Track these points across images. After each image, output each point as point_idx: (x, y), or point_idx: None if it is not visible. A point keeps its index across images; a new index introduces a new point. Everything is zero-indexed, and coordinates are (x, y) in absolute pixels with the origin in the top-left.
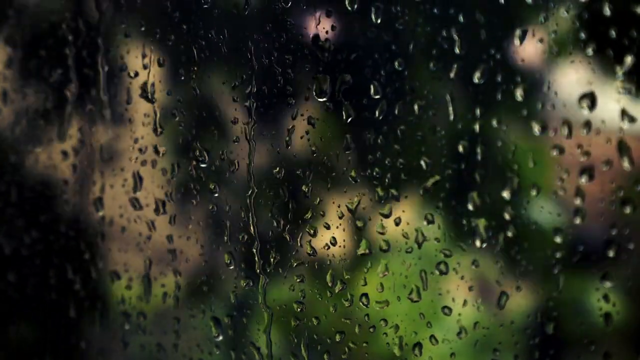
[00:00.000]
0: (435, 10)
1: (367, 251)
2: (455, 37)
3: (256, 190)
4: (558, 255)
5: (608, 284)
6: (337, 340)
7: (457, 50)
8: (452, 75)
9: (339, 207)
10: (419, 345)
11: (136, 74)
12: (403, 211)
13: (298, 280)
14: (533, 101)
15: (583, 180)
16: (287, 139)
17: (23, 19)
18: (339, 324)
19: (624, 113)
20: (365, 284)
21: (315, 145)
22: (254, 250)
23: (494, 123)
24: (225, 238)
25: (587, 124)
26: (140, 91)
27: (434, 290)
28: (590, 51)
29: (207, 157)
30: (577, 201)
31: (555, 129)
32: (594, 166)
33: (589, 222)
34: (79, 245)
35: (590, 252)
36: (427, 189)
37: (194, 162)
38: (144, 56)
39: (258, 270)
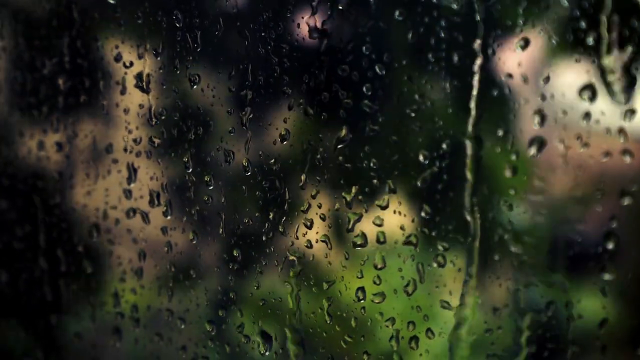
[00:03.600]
0: (434, 2)
1: (362, 242)
2: (452, 27)
3: (251, 181)
4: (555, 250)
5: (605, 279)
6: (333, 333)
7: (453, 42)
8: (448, 67)
9: (335, 198)
10: (415, 338)
11: (131, 64)
12: (399, 203)
13: (293, 272)
14: (531, 93)
15: (580, 173)
16: (283, 129)
17: (15, 8)
18: (335, 317)
19: (620, 106)
20: (362, 277)
21: (311, 136)
22: (249, 243)
23: (490, 115)
24: (220, 230)
25: (587, 116)
26: (135, 81)
27: (431, 283)
28: (590, 41)
29: (202, 148)
30: (576, 195)
31: (554, 121)
32: (593, 159)
33: (587, 216)
34: (71, 238)
35: (587, 247)
36: (424, 181)
37: (189, 153)
38: (138, 46)
39: (253, 263)
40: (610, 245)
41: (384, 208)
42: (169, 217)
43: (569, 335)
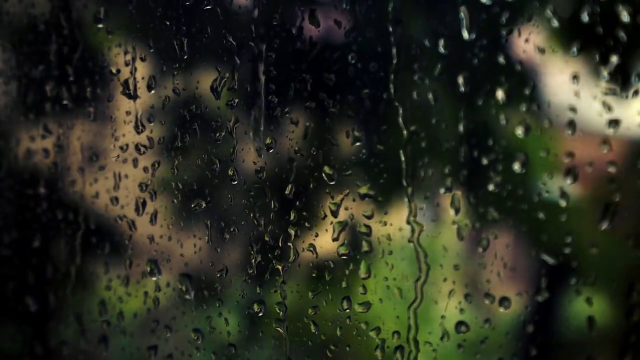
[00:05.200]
0: (421, 9)
1: (348, 251)
2: (440, 35)
3: (237, 190)
4: (542, 257)
5: (591, 287)
6: (319, 343)
7: (441, 50)
8: (436, 74)
9: (321, 207)
10: (400, 348)
11: (118, 71)
12: (385, 213)
13: (279, 281)
14: (518, 101)
15: (567, 181)
16: (271, 138)
17: (4, 14)
18: (321, 326)
19: (608, 113)
20: (348, 286)
21: (298, 144)
22: (235, 251)
23: (479, 123)
24: (207, 238)
25: (572, 125)
26: (122, 88)
27: (417, 292)
28: (575, 51)
29: (189, 156)
30: (562, 203)
31: (540, 130)
32: (578, 167)
33: (573, 223)
34: (58, 244)
35: (574, 253)
36: (410, 189)
37: (176, 161)
38: (126, 53)
39: (240, 271)
40: (595, 254)
41: (370, 217)
42: (154, 225)
43: (555, 346)
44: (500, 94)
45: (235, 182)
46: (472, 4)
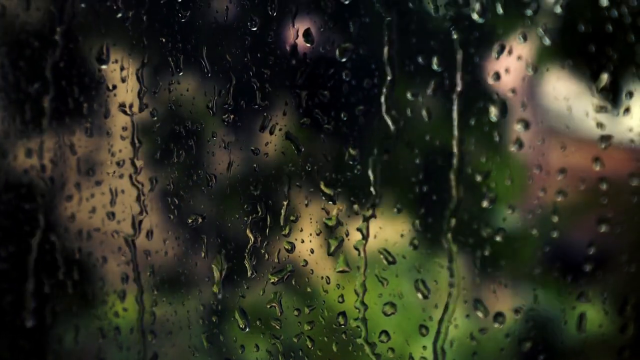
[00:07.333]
0: (413, 26)
1: (345, 268)
2: (433, 53)
3: (233, 204)
4: (536, 272)
5: (586, 302)
6: (315, 358)
7: (434, 67)
8: (429, 91)
9: (316, 223)
10: None
11: (114, 87)
12: (380, 228)
13: (275, 296)
14: (510, 117)
15: (560, 196)
16: (265, 153)
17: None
18: (317, 341)
19: (599, 130)
20: (343, 301)
21: (292, 160)
22: (232, 266)
23: (471, 139)
24: (203, 253)
25: (564, 140)
26: (119, 104)
27: (412, 308)
28: (567, 68)
29: (184, 171)
30: (554, 218)
31: (533, 145)
32: (571, 182)
33: (566, 238)
34: (55, 259)
35: (568, 269)
36: (403, 205)
37: (172, 176)
38: (122, 69)
39: (235, 287)
40: (591, 264)
41: (364, 233)
42: (151, 239)
43: (553, 356)
44: (492, 110)
45: (231, 197)
46: (464, 21)
